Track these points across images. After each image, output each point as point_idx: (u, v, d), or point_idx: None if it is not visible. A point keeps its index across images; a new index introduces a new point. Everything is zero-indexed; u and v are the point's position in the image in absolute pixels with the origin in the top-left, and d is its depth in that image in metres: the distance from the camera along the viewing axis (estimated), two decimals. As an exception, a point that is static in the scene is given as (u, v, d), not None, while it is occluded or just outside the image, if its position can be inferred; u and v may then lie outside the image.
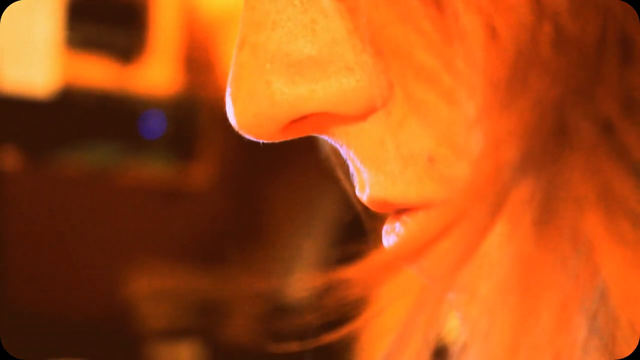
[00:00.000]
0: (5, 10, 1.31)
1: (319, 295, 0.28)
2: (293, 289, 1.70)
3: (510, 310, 0.23)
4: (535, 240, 0.23)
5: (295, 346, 0.35)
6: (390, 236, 0.28)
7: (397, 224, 0.28)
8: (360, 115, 0.27)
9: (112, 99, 1.61)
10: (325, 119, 0.27)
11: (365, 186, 0.28)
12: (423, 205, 0.27)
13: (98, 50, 1.55)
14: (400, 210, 0.28)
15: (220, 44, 1.70)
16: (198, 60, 1.71)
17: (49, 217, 1.75)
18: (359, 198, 0.29)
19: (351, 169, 0.29)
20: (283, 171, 1.83)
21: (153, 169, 1.73)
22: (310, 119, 0.27)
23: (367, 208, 0.29)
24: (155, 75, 1.64)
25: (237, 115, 0.27)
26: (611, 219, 0.22)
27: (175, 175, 1.79)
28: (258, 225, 1.91)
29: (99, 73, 1.55)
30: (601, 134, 0.22)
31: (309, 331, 0.32)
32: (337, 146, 0.29)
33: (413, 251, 0.27)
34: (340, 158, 0.32)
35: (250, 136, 0.28)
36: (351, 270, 0.26)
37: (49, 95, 1.42)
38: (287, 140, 0.29)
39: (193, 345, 1.69)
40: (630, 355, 0.23)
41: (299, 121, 0.27)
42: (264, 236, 1.88)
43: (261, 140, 0.28)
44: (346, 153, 0.28)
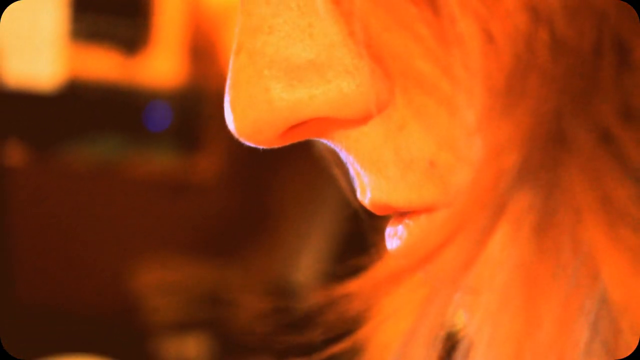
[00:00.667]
0: (10, 5, 1.31)
1: (324, 307, 0.28)
2: (300, 280, 1.70)
3: (512, 316, 0.23)
4: (536, 246, 0.23)
5: (300, 339, 0.35)
6: (394, 239, 0.28)
7: (400, 226, 0.27)
8: (360, 119, 0.27)
9: (117, 91, 1.61)
10: (325, 123, 0.27)
11: (367, 190, 0.28)
12: (425, 209, 0.27)
13: (103, 42, 1.55)
14: (402, 213, 0.27)
15: (224, 35, 1.70)
16: (203, 51, 1.71)
17: (55, 211, 1.76)
18: (359, 200, 0.29)
19: (351, 173, 0.29)
20: (288, 162, 1.83)
21: (159, 162, 1.73)
22: (310, 124, 0.27)
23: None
24: (160, 66, 1.64)
25: (236, 123, 0.27)
26: (611, 225, 0.22)
27: (181, 167, 1.79)
28: (264, 216, 1.92)
29: (103, 65, 1.55)
30: (599, 140, 0.22)
31: (316, 324, 0.32)
32: (337, 150, 0.29)
33: (417, 254, 0.27)
34: (335, 156, 0.32)
35: (249, 143, 0.28)
36: (355, 284, 0.26)
37: (55, 88, 1.41)
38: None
39: (200, 338, 1.69)
40: (630, 356, 0.23)
41: (298, 126, 0.27)
42: (270, 228, 1.89)
43: (261, 147, 0.28)
44: (346, 157, 0.28)
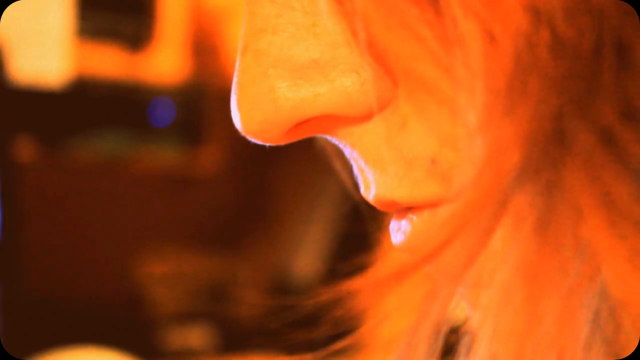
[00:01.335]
0: (18, 4, 1.32)
1: (327, 303, 0.28)
2: (301, 272, 1.70)
3: (514, 311, 0.23)
4: (537, 242, 0.23)
5: (302, 330, 0.35)
6: (398, 234, 0.28)
7: (404, 221, 0.28)
8: (364, 117, 0.27)
9: (123, 88, 1.61)
10: (329, 121, 0.28)
11: (371, 186, 0.28)
12: (428, 205, 0.27)
13: (108, 40, 1.55)
14: (405, 208, 0.28)
15: (226, 33, 1.70)
16: (205, 48, 1.71)
17: (62, 203, 1.76)
18: (360, 193, 0.29)
19: (355, 169, 0.29)
20: (290, 157, 1.83)
21: (163, 156, 1.73)
22: (314, 122, 0.27)
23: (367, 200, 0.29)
24: (164, 64, 1.64)
25: (243, 122, 0.27)
26: (612, 223, 0.22)
27: (184, 161, 1.79)
28: (266, 209, 1.91)
29: (109, 63, 1.55)
30: (600, 140, 0.22)
31: (319, 320, 0.32)
32: (341, 146, 0.29)
33: (421, 249, 0.27)
34: (336, 149, 0.32)
35: (256, 141, 0.28)
36: (359, 280, 0.26)
37: (62, 85, 1.42)
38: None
39: (203, 328, 1.69)
40: (630, 356, 0.23)
41: (303, 124, 0.27)
42: (271, 220, 1.88)
43: (267, 144, 0.28)
44: (350, 154, 0.28)
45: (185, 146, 1.73)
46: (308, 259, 1.70)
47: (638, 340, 0.23)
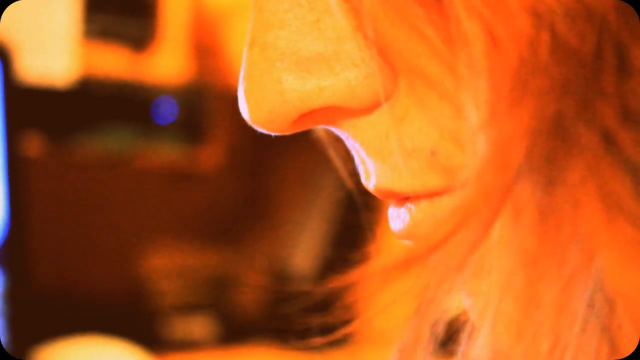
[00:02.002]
0: (26, 6, 1.32)
1: (327, 293, 0.28)
2: (300, 264, 1.70)
3: (513, 298, 0.23)
4: (537, 234, 0.23)
5: (303, 321, 0.35)
6: (396, 221, 0.28)
7: (403, 209, 0.28)
8: (366, 109, 0.27)
9: (127, 87, 1.61)
10: (333, 112, 0.28)
11: (371, 176, 0.28)
12: (427, 195, 0.27)
13: (113, 41, 1.55)
14: (404, 197, 0.28)
15: (228, 33, 1.70)
16: (207, 49, 1.71)
17: (68, 198, 1.76)
18: (353, 181, 0.29)
19: (356, 159, 0.29)
20: (288, 154, 1.83)
21: (166, 152, 1.73)
22: (319, 113, 0.28)
23: (360, 186, 0.29)
24: (167, 63, 1.63)
25: (250, 112, 0.28)
26: (609, 217, 0.22)
27: (187, 158, 1.78)
28: (265, 204, 1.91)
29: (114, 62, 1.55)
30: (600, 139, 0.22)
31: (314, 306, 0.32)
32: (343, 137, 0.29)
33: (418, 236, 0.27)
34: (331, 139, 0.32)
35: (263, 130, 0.28)
36: (359, 270, 0.26)
37: (68, 84, 1.42)
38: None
39: (205, 319, 1.69)
40: (630, 356, 0.23)
41: (308, 115, 0.28)
42: (271, 215, 1.88)
43: (273, 133, 0.28)
44: (352, 144, 0.29)
45: (187, 143, 1.73)
46: (308, 252, 1.70)
47: (630, 325, 0.23)
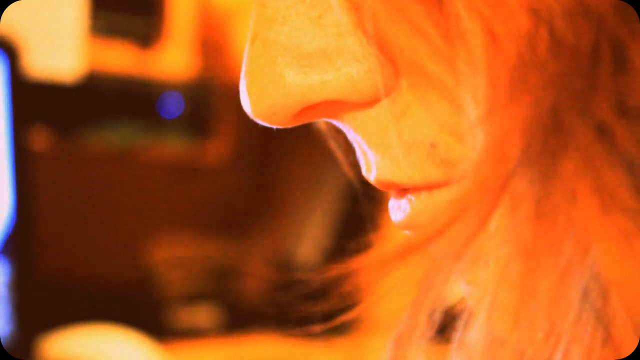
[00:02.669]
0: (34, 4, 1.32)
1: (329, 281, 0.28)
2: (303, 255, 1.70)
3: (510, 288, 0.23)
4: (534, 225, 0.23)
5: (305, 309, 0.35)
6: (397, 212, 0.29)
7: (403, 200, 0.28)
8: (367, 103, 0.27)
9: (133, 82, 1.61)
10: (335, 106, 0.28)
11: (372, 168, 0.28)
12: (426, 186, 0.27)
13: (120, 37, 1.55)
14: (405, 188, 0.28)
15: (233, 30, 1.70)
16: (212, 45, 1.71)
17: (76, 190, 1.76)
18: (354, 173, 0.29)
19: (357, 152, 0.29)
20: (292, 147, 1.83)
21: (171, 147, 1.73)
22: (321, 107, 0.28)
23: (361, 177, 0.29)
24: (173, 59, 1.63)
25: (253, 106, 0.28)
26: (604, 209, 0.22)
27: (192, 151, 1.79)
28: (270, 197, 1.91)
29: (120, 58, 1.55)
30: (595, 133, 0.22)
31: (321, 297, 0.32)
32: (345, 129, 0.29)
33: (418, 227, 0.27)
34: (333, 131, 0.32)
35: (265, 123, 0.28)
36: (361, 259, 0.26)
37: (76, 79, 1.42)
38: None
39: (210, 308, 1.69)
40: (630, 356, 0.23)
41: (309, 108, 0.28)
42: (275, 207, 1.88)
43: (275, 127, 0.29)
44: (353, 137, 0.29)
45: (193, 137, 1.73)
46: (312, 243, 1.70)
47: (625, 315, 0.23)
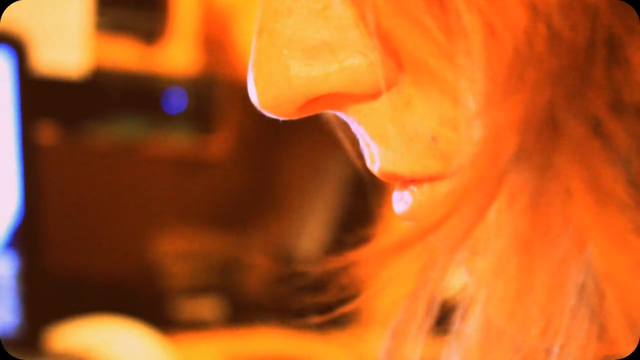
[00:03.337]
0: (40, 1, 1.32)
1: (330, 273, 0.28)
2: (305, 248, 1.71)
3: (506, 281, 0.23)
4: (529, 219, 0.23)
5: (307, 302, 0.35)
6: (400, 203, 0.29)
7: (406, 192, 0.28)
8: (370, 95, 0.27)
9: (138, 78, 1.61)
10: (339, 98, 0.28)
11: (375, 159, 0.28)
12: (428, 179, 0.27)
13: (124, 34, 1.55)
14: (407, 180, 0.28)
15: (236, 26, 1.70)
16: (215, 42, 1.71)
17: (81, 184, 1.76)
18: (364, 164, 0.29)
19: (361, 143, 0.29)
20: (295, 142, 1.83)
21: (176, 141, 1.73)
22: (325, 98, 0.28)
23: (369, 170, 0.30)
24: (177, 55, 1.63)
25: (259, 97, 0.28)
26: (598, 204, 0.22)
27: (196, 146, 1.79)
28: (272, 191, 1.91)
29: (125, 54, 1.55)
30: (590, 129, 0.22)
31: (322, 289, 0.32)
32: (348, 121, 0.29)
33: (421, 218, 0.28)
34: (339, 120, 0.32)
35: (270, 114, 0.29)
36: (361, 251, 0.27)
37: (81, 75, 1.42)
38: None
39: (214, 301, 1.70)
40: (630, 355, 0.23)
41: (314, 100, 0.28)
42: (277, 201, 1.88)
43: (280, 118, 0.29)
44: (357, 129, 0.29)
45: (196, 132, 1.73)
46: (314, 237, 1.70)
47: (620, 311, 0.23)
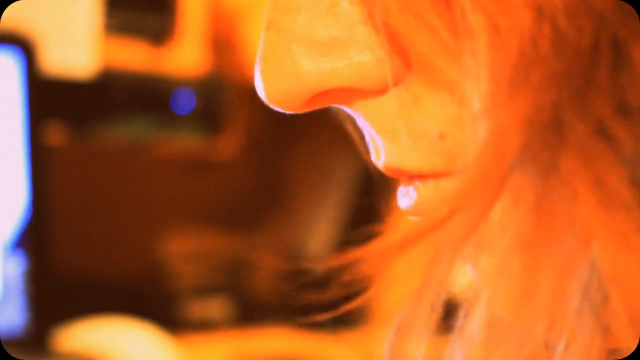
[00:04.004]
0: (50, 3, 1.32)
1: (336, 270, 0.28)
2: (313, 248, 1.71)
3: (511, 280, 0.23)
4: (534, 219, 0.23)
5: (314, 301, 0.35)
6: (405, 198, 0.29)
7: (411, 187, 0.28)
8: (378, 91, 0.28)
9: (146, 79, 1.61)
10: (346, 93, 0.28)
11: (381, 154, 0.29)
12: (433, 175, 0.27)
13: (133, 35, 1.55)
14: (412, 175, 0.28)
15: (244, 27, 1.70)
16: (223, 43, 1.71)
17: (90, 185, 1.76)
18: (373, 161, 0.29)
19: (367, 138, 0.30)
20: (302, 142, 1.83)
21: (184, 142, 1.74)
22: (332, 93, 0.28)
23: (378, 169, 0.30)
24: (185, 56, 1.63)
25: (267, 92, 0.28)
26: (603, 205, 0.22)
27: (204, 147, 1.79)
28: (280, 191, 1.92)
29: (134, 56, 1.55)
30: (595, 130, 0.22)
31: (328, 287, 0.32)
32: (355, 116, 0.29)
33: (425, 213, 0.28)
34: (347, 115, 0.32)
35: (278, 109, 0.29)
36: (367, 249, 0.27)
37: (90, 76, 1.42)
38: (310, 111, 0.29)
39: (222, 301, 1.70)
40: (630, 356, 0.23)
41: (321, 95, 0.28)
42: (285, 201, 1.89)
43: (288, 112, 0.29)
44: (363, 123, 0.29)
45: (205, 133, 1.74)
46: (322, 236, 1.71)
47: (624, 311, 0.23)
